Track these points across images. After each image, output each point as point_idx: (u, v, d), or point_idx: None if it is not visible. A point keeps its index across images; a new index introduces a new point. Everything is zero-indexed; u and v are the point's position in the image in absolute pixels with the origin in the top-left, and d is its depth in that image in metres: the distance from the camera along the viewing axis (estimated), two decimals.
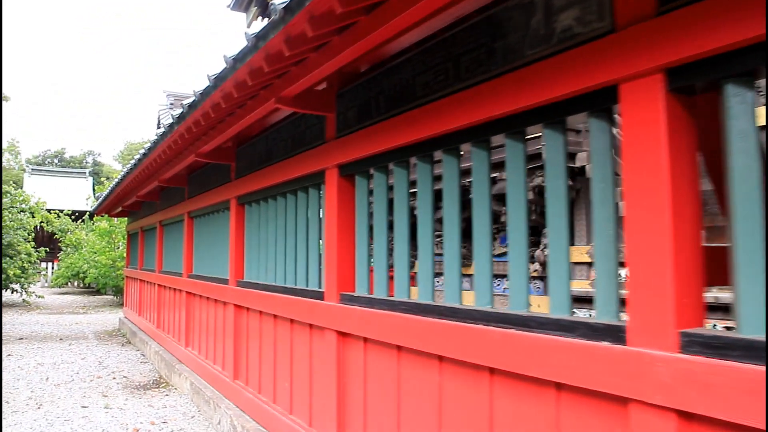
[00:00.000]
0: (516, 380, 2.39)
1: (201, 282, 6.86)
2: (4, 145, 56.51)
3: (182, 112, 4.54)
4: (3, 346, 10.46)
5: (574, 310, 4.03)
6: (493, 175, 2.71)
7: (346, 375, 3.62)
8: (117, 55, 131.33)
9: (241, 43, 3.19)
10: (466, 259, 6.03)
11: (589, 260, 6.57)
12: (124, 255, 17.71)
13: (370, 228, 3.62)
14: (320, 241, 4.15)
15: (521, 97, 2.37)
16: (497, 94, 2.49)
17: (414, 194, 3.53)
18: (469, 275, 7.95)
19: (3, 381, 7.60)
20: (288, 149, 4.53)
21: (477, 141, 2.69)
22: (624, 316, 2.04)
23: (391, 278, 3.37)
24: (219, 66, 3.66)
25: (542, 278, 7.94)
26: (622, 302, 2.10)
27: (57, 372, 8.18)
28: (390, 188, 3.45)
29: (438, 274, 4.32)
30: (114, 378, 7.87)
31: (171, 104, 14.30)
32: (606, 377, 1.97)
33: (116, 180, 9.78)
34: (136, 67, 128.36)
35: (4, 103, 12.61)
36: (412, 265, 3.33)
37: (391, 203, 3.42)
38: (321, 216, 4.11)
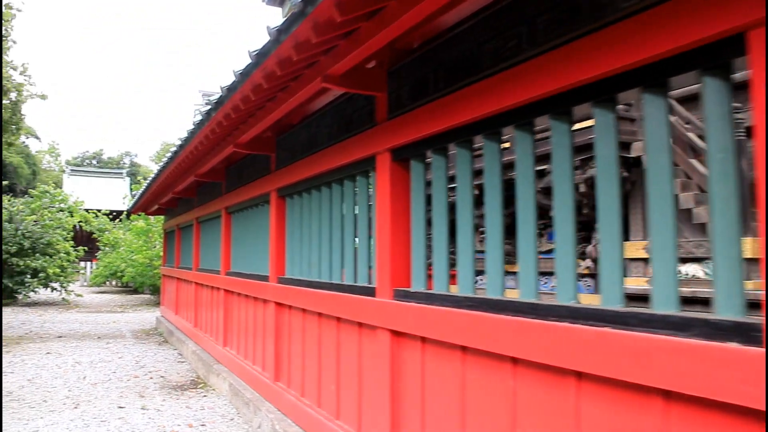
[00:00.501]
0: (610, 387, 2.05)
1: (240, 279, 6.63)
2: (45, 147, 57.68)
3: (220, 97, 4.28)
4: (43, 344, 10.44)
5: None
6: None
7: (400, 378, 3.32)
8: (117, 55, 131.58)
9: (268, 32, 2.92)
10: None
11: (645, 256, 6.17)
12: (161, 254, 17.73)
13: (428, 217, 3.30)
14: (370, 233, 3.86)
15: (614, 58, 2.03)
16: (583, 57, 2.15)
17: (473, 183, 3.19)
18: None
19: (42, 379, 7.50)
20: (333, 136, 4.24)
21: (556, 113, 2.36)
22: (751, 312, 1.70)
23: (452, 276, 3.06)
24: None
25: (593, 276, 7.57)
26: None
27: (94, 371, 8.05)
28: (451, 179, 3.12)
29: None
30: (151, 378, 7.71)
31: (206, 103, 14.26)
32: (734, 385, 1.63)
33: (152, 176, 9.63)
34: (135, 67, 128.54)
35: (42, 101, 12.61)
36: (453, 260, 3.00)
37: (451, 190, 3.10)
38: (371, 206, 3.81)
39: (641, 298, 5.66)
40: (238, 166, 6.90)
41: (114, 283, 26.87)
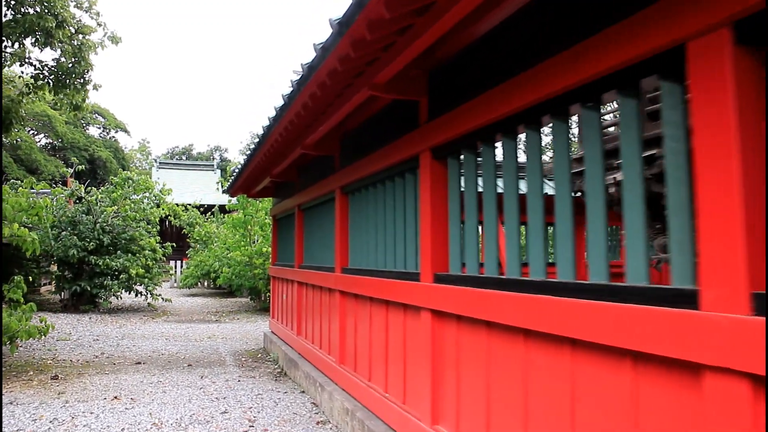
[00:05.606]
0: None
1: (485, 292, 2.96)
2: (136, 146, 57.10)
3: None
4: (114, 377, 7.28)
5: None
6: None
7: None
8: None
9: None
10: None
11: None
12: (263, 250, 14.49)
13: None
14: None
15: None
16: None
17: None
18: None
19: None
20: None
21: None
22: None
23: None
24: None
25: None
26: None
27: None
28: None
29: None
30: None
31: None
32: None
33: (264, 130, 6.05)
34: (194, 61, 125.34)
35: (116, 48, 9.52)
36: None
37: None
38: None
39: None
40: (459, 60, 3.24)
41: (206, 284, 24.08)
